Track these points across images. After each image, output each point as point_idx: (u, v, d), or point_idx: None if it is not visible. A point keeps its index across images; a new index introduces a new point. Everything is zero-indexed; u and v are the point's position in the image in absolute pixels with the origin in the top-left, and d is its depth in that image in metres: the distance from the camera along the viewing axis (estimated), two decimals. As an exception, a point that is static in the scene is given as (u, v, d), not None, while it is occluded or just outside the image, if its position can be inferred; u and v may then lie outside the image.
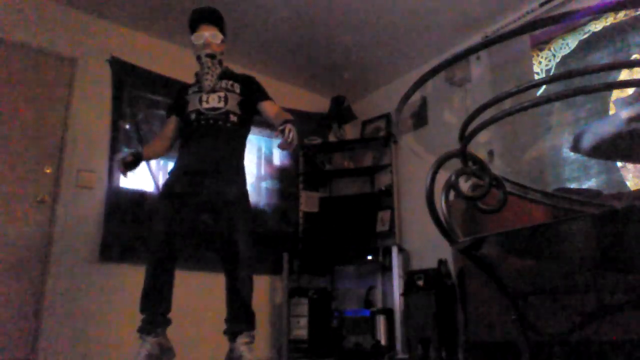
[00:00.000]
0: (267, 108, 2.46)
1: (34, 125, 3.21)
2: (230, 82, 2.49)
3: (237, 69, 4.23)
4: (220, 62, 2.50)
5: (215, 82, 2.44)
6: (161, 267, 2.22)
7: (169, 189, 2.35)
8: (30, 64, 3.26)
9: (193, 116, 2.41)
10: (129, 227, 3.36)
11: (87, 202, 3.28)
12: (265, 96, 2.50)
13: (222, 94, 2.44)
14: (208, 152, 2.37)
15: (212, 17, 2.51)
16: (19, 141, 3.13)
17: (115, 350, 3.06)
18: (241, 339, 2.22)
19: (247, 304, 2.28)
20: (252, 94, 2.49)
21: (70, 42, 3.43)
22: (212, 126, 2.39)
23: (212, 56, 2.45)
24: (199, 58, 2.46)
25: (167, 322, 2.24)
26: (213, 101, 2.41)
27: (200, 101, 2.42)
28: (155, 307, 2.20)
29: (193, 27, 2.50)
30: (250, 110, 2.50)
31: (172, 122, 2.54)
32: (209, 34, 2.45)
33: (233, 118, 2.42)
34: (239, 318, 2.27)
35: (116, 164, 2.32)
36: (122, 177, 3.43)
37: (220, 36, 2.49)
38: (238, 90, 2.48)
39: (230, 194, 2.35)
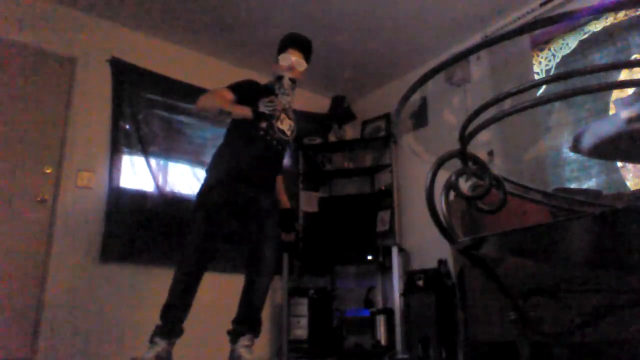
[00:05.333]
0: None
1: (34, 125, 3.21)
2: (296, 118, 2.62)
3: (237, 68, 4.26)
4: (294, 89, 2.56)
5: (290, 106, 2.55)
6: (194, 277, 2.26)
7: (210, 200, 2.35)
8: (30, 64, 3.26)
9: (264, 125, 2.42)
10: (129, 227, 3.37)
11: (87, 202, 3.28)
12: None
13: (293, 124, 2.56)
14: (262, 168, 2.45)
15: (303, 45, 2.59)
16: (19, 141, 3.13)
17: (115, 350, 3.07)
18: (242, 341, 2.25)
19: (256, 311, 2.32)
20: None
21: (70, 42, 3.43)
22: (274, 147, 2.48)
23: (293, 81, 2.52)
24: (280, 78, 2.49)
25: (181, 332, 2.26)
26: (286, 126, 2.51)
27: (275, 117, 2.44)
28: (178, 316, 2.22)
29: (283, 48, 2.56)
30: None
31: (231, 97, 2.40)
32: (295, 59, 2.52)
33: (287, 149, 2.64)
34: (246, 322, 2.31)
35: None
36: (122, 176, 3.46)
37: (304, 65, 2.57)
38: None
39: (266, 204, 2.43)
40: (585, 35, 3.23)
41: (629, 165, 2.81)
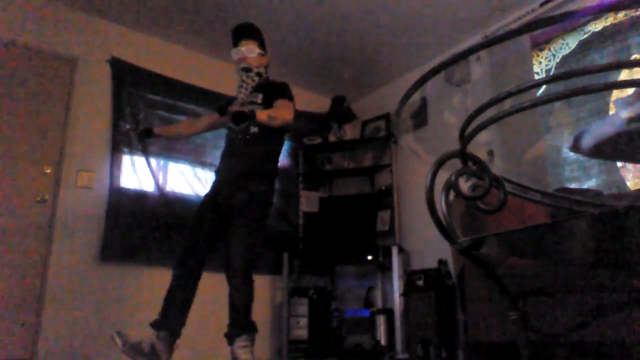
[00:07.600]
0: (276, 104, 2.44)
1: (34, 126, 3.21)
2: (256, 94, 2.52)
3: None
4: (258, 75, 2.54)
5: (247, 96, 2.50)
6: (185, 272, 2.32)
7: (200, 202, 2.52)
8: (30, 64, 3.26)
9: (228, 131, 2.56)
10: (130, 227, 3.37)
11: (87, 202, 3.28)
12: (282, 95, 2.49)
13: (245, 108, 2.46)
14: (231, 167, 2.47)
15: (248, 32, 2.60)
16: (19, 141, 3.13)
17: (115, 350, 3.06)
18: (238, 342, 2.24)
19: (241, 311, 2.29)
20: (272, 98, 2.47)
21: (70, 42, 3.43)
22: (235, 140, 2.48)
23: (247, 70, 2.52)
24: (238, 72, 2.54)
25: (175, 334, 2.27)
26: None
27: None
28: (172, 312, 2.28)
29: (233, 44, 2.59)
30: None
31: (210, 118, 2.70)
32: (245, 49, 2.53)
33: (253, 130, 2.44)
34: (235, 323, 2.30)
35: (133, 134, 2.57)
36: (122, 176, 3.46)
37: (256, 50, 2.55)
38: (260, 101, 2.49)
39: (236, 202, 2.38)
40: (585, 35, 3.23)
41: (629, 165, 2.81)
